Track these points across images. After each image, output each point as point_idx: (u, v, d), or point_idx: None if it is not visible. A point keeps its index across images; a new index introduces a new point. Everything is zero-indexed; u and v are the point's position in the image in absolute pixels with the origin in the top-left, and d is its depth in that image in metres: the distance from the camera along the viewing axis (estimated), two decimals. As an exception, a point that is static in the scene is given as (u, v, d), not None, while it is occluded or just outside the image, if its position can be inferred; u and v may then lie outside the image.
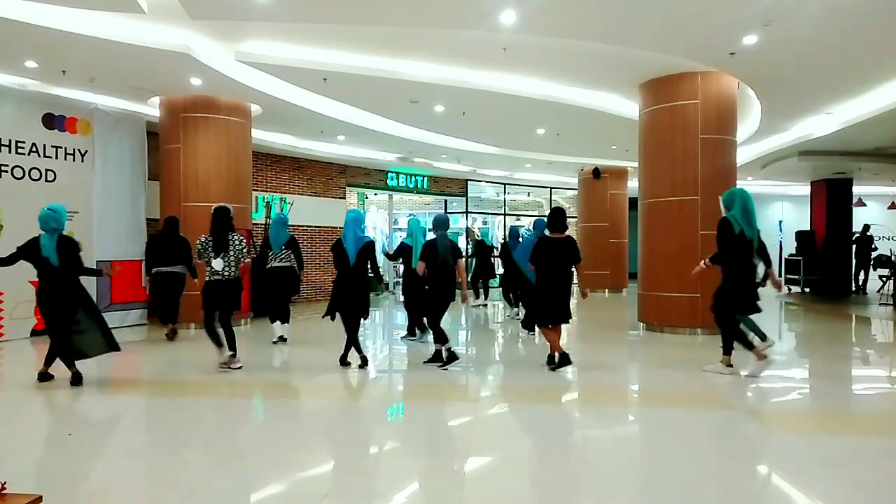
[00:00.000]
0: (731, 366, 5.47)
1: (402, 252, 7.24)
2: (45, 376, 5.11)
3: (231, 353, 5.61)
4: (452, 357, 5.72)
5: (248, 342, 7.55)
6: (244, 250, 5.66)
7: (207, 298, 5.58)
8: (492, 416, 4.46)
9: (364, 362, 5.69)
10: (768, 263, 5.61)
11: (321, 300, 12.91)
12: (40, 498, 2.46)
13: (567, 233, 5.75)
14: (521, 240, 9.71)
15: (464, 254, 6.05)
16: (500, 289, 10.11)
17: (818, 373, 6.09)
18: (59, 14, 5.81)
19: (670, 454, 3.54)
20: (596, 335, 8.47)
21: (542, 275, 5.65)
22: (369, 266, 5.73)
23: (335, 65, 7.32)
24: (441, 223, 5.97)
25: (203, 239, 5.62)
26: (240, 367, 5.62)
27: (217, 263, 5.50)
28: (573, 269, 5.74)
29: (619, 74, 7.87)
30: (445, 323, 5.91)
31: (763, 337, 6.42)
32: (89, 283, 8.29)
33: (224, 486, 3.08)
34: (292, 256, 7.22)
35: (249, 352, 7.01)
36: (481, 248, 11.56)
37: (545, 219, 7.33)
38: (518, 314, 9.64)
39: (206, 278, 5.61)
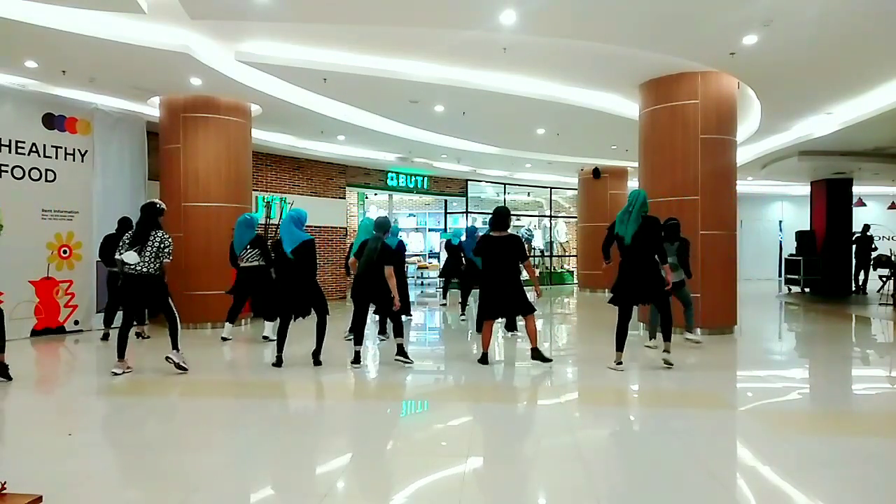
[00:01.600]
0: (620, 363, 5.70)
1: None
2: None
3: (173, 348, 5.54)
4: (356, 359, 5.90)
5: (248, 342, 7.55)
6: (166, 249, 5.47)
7: (121, 292, 5.47)
8: (491, 415, 4.46)
9: (279, 362, 5.81)
10: (664, 261, 5.70)
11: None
12: (40, 498, 2.47)
13: (510, 231, 5.93)
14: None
15: (401, 257, 6.13)
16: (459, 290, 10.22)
17: (818, 373, 6.10)
18: (59, 14, 5.80)
19: (670, 454, 3.54)
20: (595, 335, 8.46)
21: (486, 271, 5.90)
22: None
23: (335, 65, 7.32)
24: (378, 225, 6.04)
25: (127, 235, 5.53)
26: (126, 371, 5.49)
27: (129, 256, 5.32)
28: (520, 266, 5.90)
29: (619, 74, 7.87)
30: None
31: (652, 334, 6.76)
32: (92, 284, 8.34)
33: (224, 486, 3.08)
34: (259, 255, 7.25)
35: (248, 351, 7.01)
36: (449, 249, 11.39)
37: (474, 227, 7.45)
38: (463, 317, 9.67)
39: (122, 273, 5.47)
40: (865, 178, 14.92)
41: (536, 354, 5.86)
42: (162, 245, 5.47)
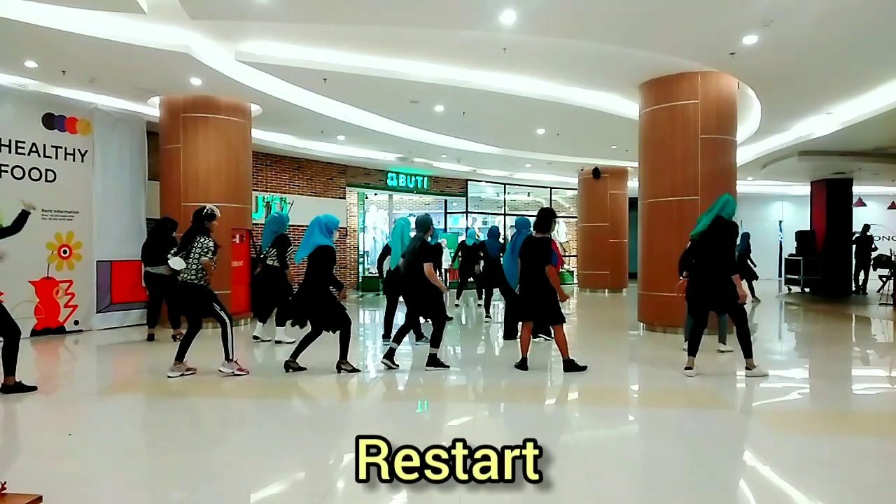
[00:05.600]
0: (690, 368, 5.37)
1: (384, 253, 7.27)
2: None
3: (176, 360, 5.40)
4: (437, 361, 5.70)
5: (247, 342, 7.54)
6: (204, 249, 5.35)
7: (172, 298, 5.50)
8: (492, 416, 4.46)
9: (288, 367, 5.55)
10: (731, 270, 5.34)
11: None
12: (40, 498, 2.47)
13: (552, 234, 5.71)
14: (502, 240, 9.67)
15: (438, 255, 5.90)
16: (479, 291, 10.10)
17: (818, 373, 6.09)
18: (59, 14, 5.80)
19: (670, 454, 3.54)
20: (596, 335, 8.46)
21: (521, 273, 5.72)
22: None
23: (335, 65, 7.32)
24: (418, 224, 5.87)
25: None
26: (180, 375, 5.35)
27: (174, 262, 5.31)
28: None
29: (619, 74, 7.87)
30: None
31: (723, 340, 6.45)
32: (92, 284, 8.32)
33: (224, 486, 3.08)
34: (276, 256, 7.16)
35: (247, 352, 7.00)
36: (463, 249, 11.31)
37: (526, 218, 7.20)
38: (488, 319, 9.61)
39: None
40: (865, 178, 14.92)
41: (569, 366, 5.54)
42: (199, 247, 5.34)
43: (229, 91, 8.27)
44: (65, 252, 8.15)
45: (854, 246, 14.63)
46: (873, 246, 14.55)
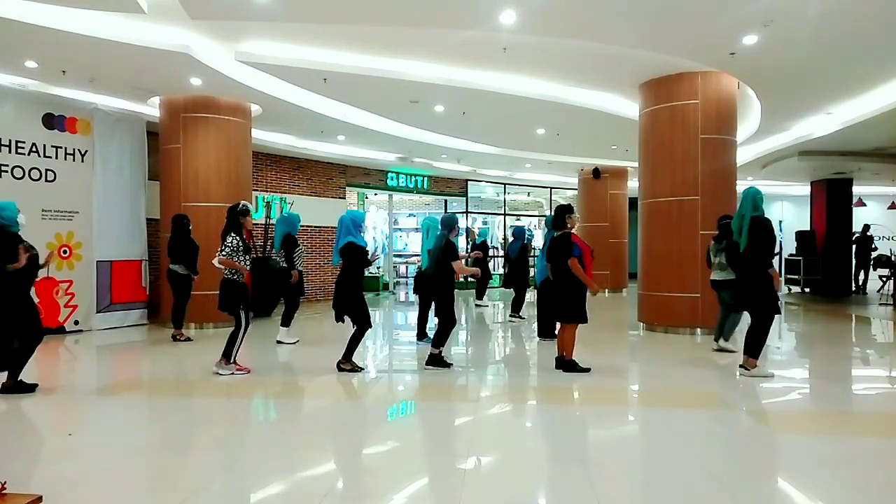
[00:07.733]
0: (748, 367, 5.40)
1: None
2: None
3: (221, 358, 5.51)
4: (438, 361, 5.71)
5: (249, 341, 7.53)
6: (225, 248, 5.41)
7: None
8: (492, 416, 4.46)
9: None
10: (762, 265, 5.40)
11: (322, 300, 12.92)
12: (40, 498, 2.47)
13: (569, 229, 5.69)
14: (525, 241, 9.74)
15: (458, 254, 5.84)
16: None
17: (818, 373, 6.09)
18: (59, 14, 5.80)
19: (670, 454, 3.54)
20: (596, 335, 8.44)
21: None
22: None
23: (335, 65, 7.32)
24: (442, 223, 5.92)
25: None
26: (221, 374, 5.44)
27: (215, 258, 5.48)
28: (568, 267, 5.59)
29: (619, 74, 7.87)
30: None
31: (726, 339, 6.53)
32: (92, 284, 8.33)
33: (224, 486, 3.08)
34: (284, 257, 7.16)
35: (249, 352, 6.99)
36: (477, 249, 11.33)
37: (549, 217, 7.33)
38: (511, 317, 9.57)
39: None
40: (865, 178, 14.93)
41: (569, 367, 5.54)
42: (225, 246, 5.40)
43: (229, 91, 8.26)
44: (65, 252, 8.15)
45: (854, 246, 14.63)
46: (873, 246, 14.55)
